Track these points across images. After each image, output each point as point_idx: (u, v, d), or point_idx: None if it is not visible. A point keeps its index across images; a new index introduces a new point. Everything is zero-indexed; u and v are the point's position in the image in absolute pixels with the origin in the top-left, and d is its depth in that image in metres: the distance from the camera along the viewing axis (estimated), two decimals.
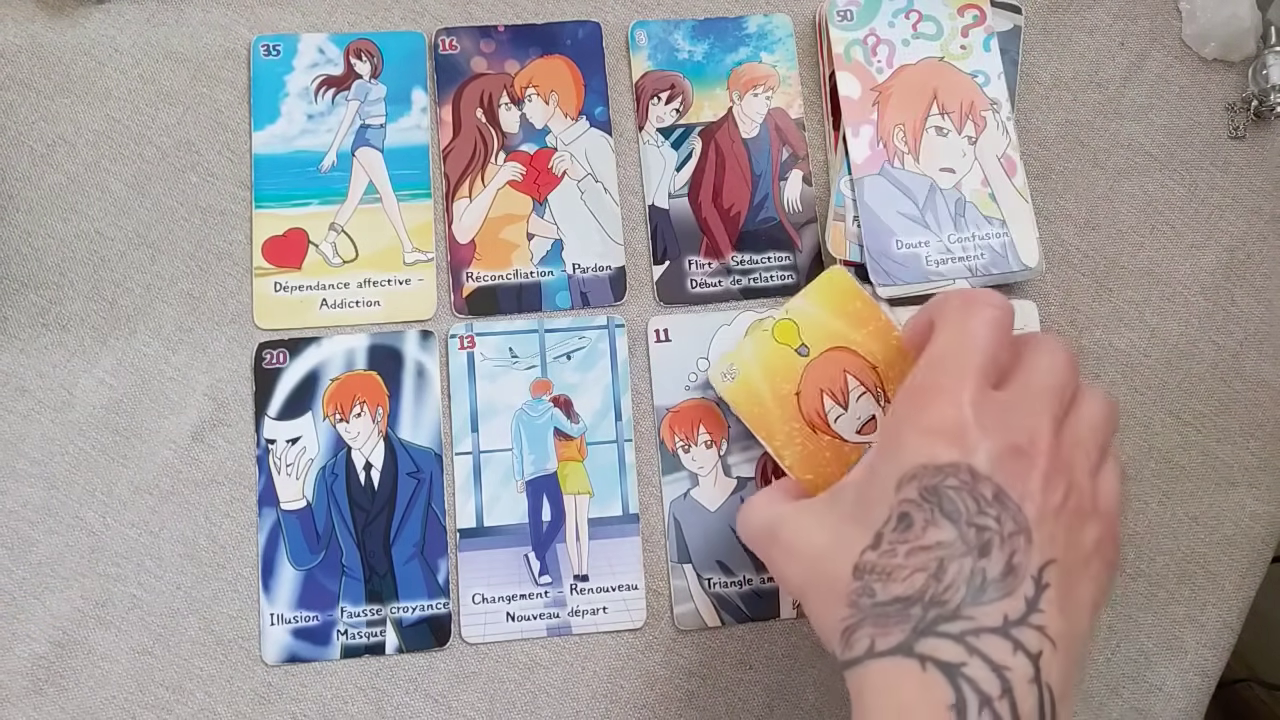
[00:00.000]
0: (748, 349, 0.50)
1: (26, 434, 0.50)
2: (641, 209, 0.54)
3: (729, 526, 0.51)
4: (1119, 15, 0.58)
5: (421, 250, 0.53)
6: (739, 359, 0.50)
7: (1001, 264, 0.53)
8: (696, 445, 0.52)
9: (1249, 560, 0.53)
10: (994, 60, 0.55)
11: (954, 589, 0.36)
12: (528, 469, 0.51)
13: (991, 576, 0.36)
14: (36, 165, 0.52)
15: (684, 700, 0.50)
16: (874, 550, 0.37)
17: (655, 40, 0.56)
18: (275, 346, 0.51)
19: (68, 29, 0.53)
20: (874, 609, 0.37)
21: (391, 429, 0.51)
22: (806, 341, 0.50)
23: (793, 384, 0.50)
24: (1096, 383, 0.54)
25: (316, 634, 0.49)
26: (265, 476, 0.50)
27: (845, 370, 0.50)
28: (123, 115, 0.53)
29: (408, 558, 0.50)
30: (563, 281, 0.53)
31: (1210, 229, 0.56)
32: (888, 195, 0.53)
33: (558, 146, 0.54)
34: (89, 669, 0.48)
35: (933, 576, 0.36)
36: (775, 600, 0.51)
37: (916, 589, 0.36)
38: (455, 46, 0.55)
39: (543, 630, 0.50)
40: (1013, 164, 0.54)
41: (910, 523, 0.37)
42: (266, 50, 0.54)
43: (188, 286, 0.52)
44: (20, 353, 0.50)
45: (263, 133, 0.53)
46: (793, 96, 0.56)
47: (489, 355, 0.52)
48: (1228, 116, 0.57)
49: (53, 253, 0.51)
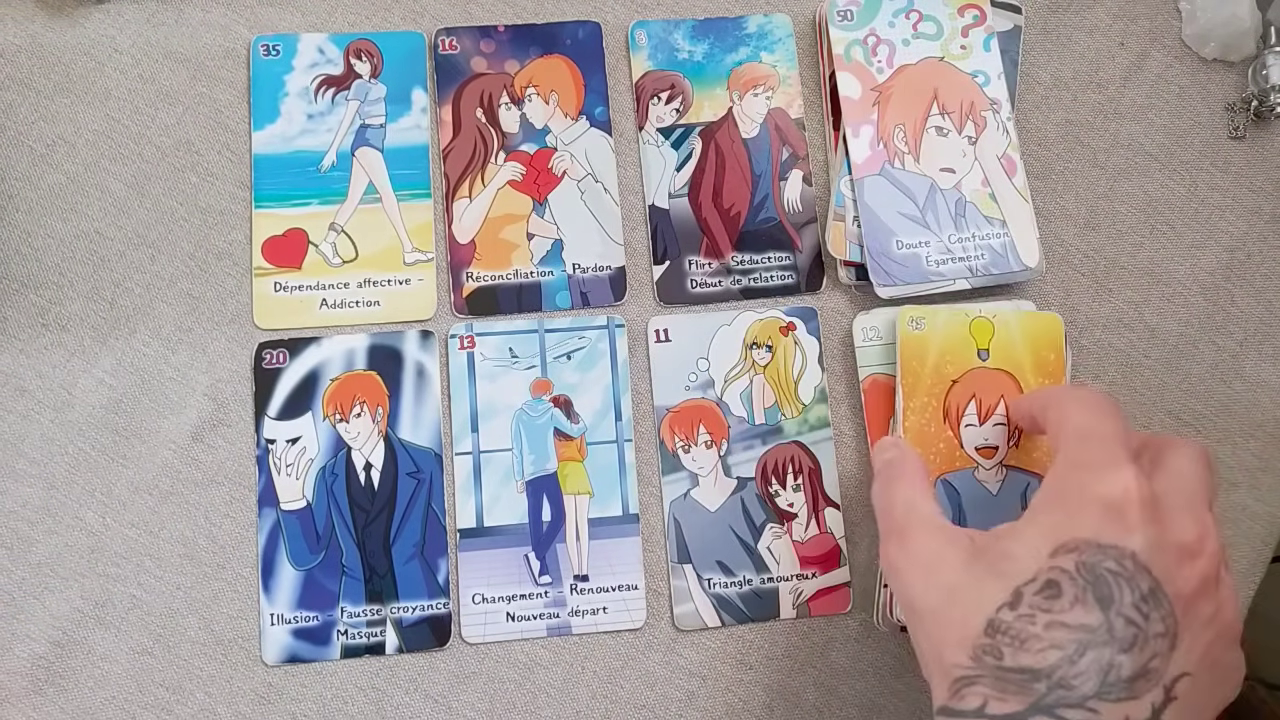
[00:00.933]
0: (941, 317, 0.51)
1: (26, 434, 0.50)
2: (641, 209, 0.54)
3: (729, 526, 0.51)
4: (1119, 15, 0.58)
5: (421, 250, 0.53)
6: (931, 319, 0.51)
7: (1001, 264, 0.53)
8: (696, 445, 0.52)
9: (1249, 560, 0.53)
10: (994, 60, 0.55)
11: (1086, 677, 0.35)
12: (528, 469, 0.51)
13: (1125, 675, 0.35)
14: (36, 165, 0.52)
15: (684, 700, 0.50)
16: (1012, 610, 0.37)
17: (655, 40, 0.56)
18: (275, 346, 0.51)
19: (67, 29, 0.53)
20: (997, 671, 0.36)
21: (391, 429, 0.51)
22: (991, 350, 0.51)
23: (956, 372, 0.50)
24: (1096, 383, 0.54)
25: (316, 634, 0.49)
26: (265, 476, 0.50)
27: (1003, 395, 0.50)
28: (122, 115, 0.53)
29: (408, 558, 0.50)
30: (563, 281, 0.53)
31: (1210, 229, 0.56)
32: (888, 195, 0.53)
33: (558, 146, 0.54)
34: (89, 669, 0.48)
35: (1068, 658, 0.35)
36: (775, 600, 0.51)
37: (1047, 665, 0.35)
38: (455, 46, 0.55)
39: (543, 630, 0.50)
40: (1013, 164, 0.54)
41: (1058, 593, 0.36)
42: (266, 50, 0.54)
43: (187, 286, 0.52)
44: (20, 353, 0.50)
45: (262, 133, 0.53)
46: (793, 96, 0.56)
47: (489, 355, 0.52)
48: (1228, 116, 0.57)
49: (52, 253, 0.51)
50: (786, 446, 0.52)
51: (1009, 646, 0.36)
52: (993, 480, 0.50)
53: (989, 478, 0.50)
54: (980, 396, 0.50)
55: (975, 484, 0.49)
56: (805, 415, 0.53)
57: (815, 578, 0.51)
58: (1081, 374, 0.54)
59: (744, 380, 0.53)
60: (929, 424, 0.50)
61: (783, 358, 0.53)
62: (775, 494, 0.52)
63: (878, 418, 0.52)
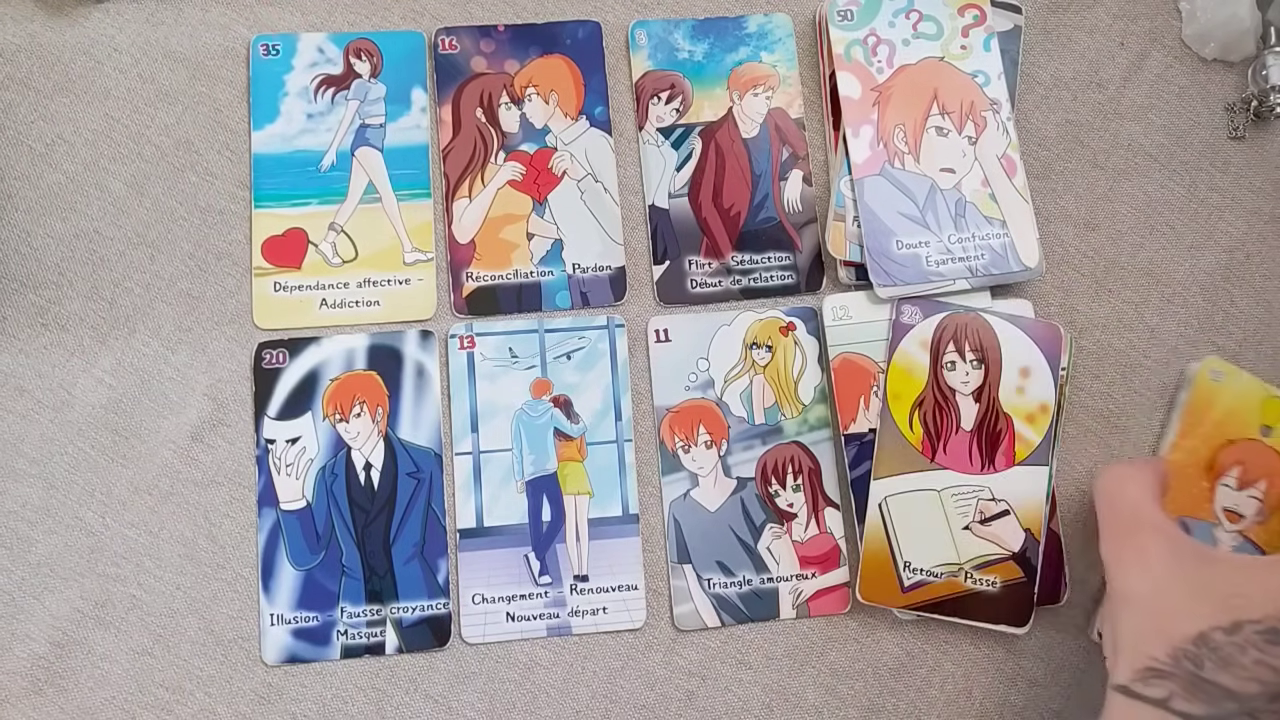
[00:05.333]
0: (1242, 381, 0.52)
1: (26, 434, 0.50)
2: (641, 209, 0.54)
3: (729, 526, 0.51)
4: (1119, 15, 0.58)
5: (421, 250, 0.53)
6: (1232, 378, 0.52)
7: (1001, 264, 0.53)
8: (696, 445, 0.52)
9: None
10: (994, 60, 0.55)
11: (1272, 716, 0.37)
12: (528, 469, 0.51)
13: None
14: (35, 165, 0.52)
15: (684, 700, 0.50)
16: (1227, 635, 0.39)
17: (655, 40, 0.56)
18: (275, 346, 0.51)
19: (67, 29, 0.53)
20: (1192, 677, 0.38)
21: (391, 429, 0.51)
22: (1276, 429, 0.52)
23: (1236, 434, 0.52)
24: (1096, 384, 0.54)
25: (316, 634, 0.49)
26: (265, 476, 0.50)
27: (1269, 475, 0.51)
28: (122, 115, 0.53)
29: (408, 558, 0.50)
30: (563, 281, 0.53)
31: (1210, 229, 0.56)
32: (888, 195, 0.53)
33: (558, 146, 0.54)
34: (89, 669, 0.48)
35: (1266, 695, 0.37)
36: (775, 600, 0.51)
37: (1246, 693, 0.37)
38: (455, 46, 0.55)
39: (543, 630, 0.50)
40: (1013, 164, 0.54)
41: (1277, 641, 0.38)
42: (266, 50, 0.54)
43: (187, 286, 0.52)
44: (19, 353, 0.50)
45: (262, 132, 0.53)
46: (793, 96, 0.56)
47: (489, 355, 0.52)
48: (1227, 117, 0.57)
49: (52, 252, 0.51)
50: (786, 446, 0.52)
51: (1212, 662, 0.38)
52: (1226, 542, 0.51)
53: (1225, 539, 0.51)
54: (1248, 466, 0.51)
55: (1210, 538, 0.51)
56: (805, 415, 0.53)
57: (815, 578, 0.51)
58: (1081, 374, 0.54)
59: (744, 380, 0.53)
60: (1190, 466, 0.51)
61: (783, 358, 0.53)
62: (775, 494, 0.52)
63: (848, 397, 0.52)
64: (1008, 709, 0.51)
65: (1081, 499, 0.53)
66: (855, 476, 0.51)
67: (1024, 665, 0.51)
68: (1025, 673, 0.51)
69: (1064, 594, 0.51)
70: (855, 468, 0.51)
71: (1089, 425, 0.54)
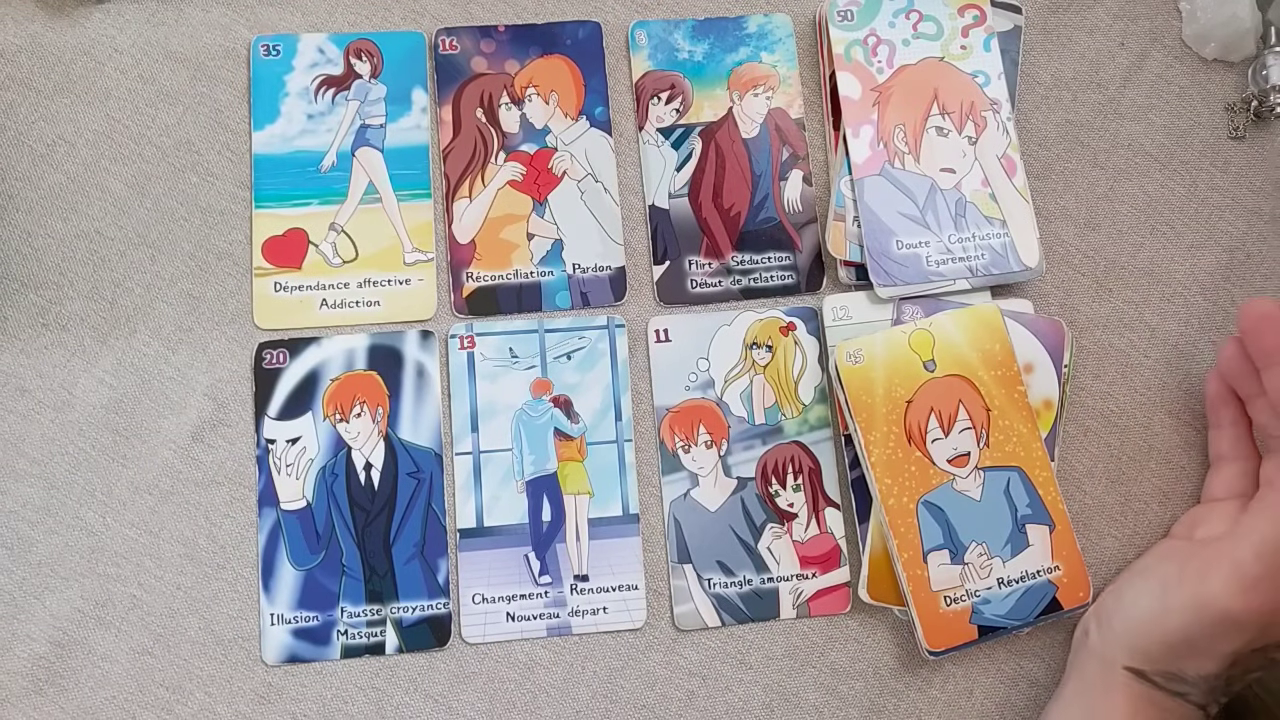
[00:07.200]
0: (880, 343, 0.50)
1: (26, 434, 0.50)
2: (641, 209, 0.54)
3: (729, 526, 0.51)
4: (1119, 15, 0.58)
5: (421, 250, 0.53)
6: (869, 348, 0.50)
7: (1002, 264, 0.53)
8: (696, 445, 0.52)
9: None
10: (994, 60, 0.55)
11: None
12: (528, 469, 0.51)
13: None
14: (36, 165, 0.52)
15: (684, 700, 0.50)
16: (1257, 653, 0.45)
17: (655, 40, 0.56)
18: (275, 346, 0.51)
19: (68, 29, 0.53)
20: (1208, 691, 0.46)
21: (391, 429, 0.51)
22: (937, 359, 0.50)
23: (908, 392, 0.50)
24: (1096, 383, 0.54)
25: (316, 634, 0.49)
26: (265, 476, 0.50)
27: (960, 400, 0.50)
28: (122, 115, 0.53)
29: (408, 558, 0.50)
30: (563, 281, 0.53)
31: (1210, 229, 0.56)
32: (888, 195, 0.53)
33: (558, 146, 0.54)
34: (89, 669, 0.48)
35: None
36: (775, 600, 0.51)
37: None
38: (455, 46, 0.55)
39: (543, 630, 0.50)
40: (1013, 164, 0.54)
41: None
42: (266, 50, 0.54)
43: (187, 286, 0.52)
44: (20, 353, 0.50)
45: (262, 133, 0.53)
46: (793, 96, 0.56)
47: (489, 355, 0.52)
48: (1228, 117, 0.57)
49: (52, 253, 0.51)
50: (786, 446, 0.52)
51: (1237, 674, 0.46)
52: (973, 487, 0.50)
53: (968, 486, 0.50)
54: (938, 408, 0.50)
55: (956, 495, 0.49)
56: (805, 415, 0.53)
57: (815, 578, 0.51)
58: (1081, 374, 0.54)
59: (744, 380, 0.53)
60: (895, 451, 0.49)
61: (783, 358, 0.53)
62: (775, 494, 0.52)
63: None
64: (1008, 709, 0.51)
65: (1081, 498, 0.53)
66: (855, 476, 0.51)
67: (1024, 665, 0.51)
68: (1025, 673, 0.51)
69: None
70: (855, 468, 0.51)
71: (1089, 425, 0.54)
